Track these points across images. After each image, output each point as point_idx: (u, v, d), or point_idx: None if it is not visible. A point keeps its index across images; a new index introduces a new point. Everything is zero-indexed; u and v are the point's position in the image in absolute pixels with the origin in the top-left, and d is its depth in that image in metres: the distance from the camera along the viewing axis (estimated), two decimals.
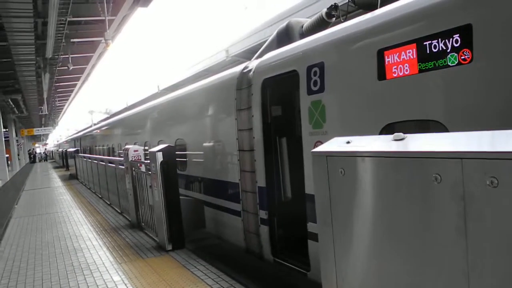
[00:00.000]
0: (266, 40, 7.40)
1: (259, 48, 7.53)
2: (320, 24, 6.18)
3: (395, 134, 2.55)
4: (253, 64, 6.56)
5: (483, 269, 1.98)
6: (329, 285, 2.96)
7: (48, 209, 12.94)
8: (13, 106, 29.56)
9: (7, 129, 34.97)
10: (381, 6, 4.65)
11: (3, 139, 30.35)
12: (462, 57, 3.19)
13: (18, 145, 44.17)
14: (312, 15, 7.09)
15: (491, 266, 1.95)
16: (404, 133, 2.57)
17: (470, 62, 3.15)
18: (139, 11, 13.66)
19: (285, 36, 6.67)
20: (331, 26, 5.76)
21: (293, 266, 5.48)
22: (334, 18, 6.15)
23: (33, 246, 8.16)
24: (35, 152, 71.00)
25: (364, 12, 5.04)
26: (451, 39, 3.27)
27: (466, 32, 3.16)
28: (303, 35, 6.40)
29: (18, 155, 43.73)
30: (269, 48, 6.80)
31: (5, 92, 24.25)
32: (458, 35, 3.22)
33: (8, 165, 32.30)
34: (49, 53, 15.04)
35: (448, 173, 2.08)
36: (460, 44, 3.20)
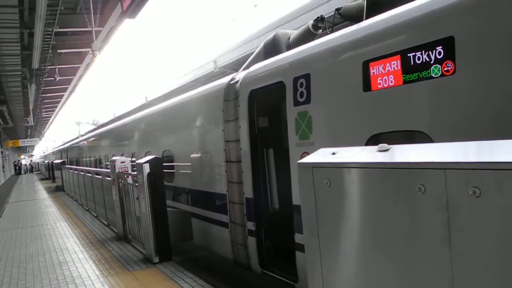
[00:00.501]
0: (254, 52, 7.43)
1: (247, 59, 7.56)
2: (307, 36, 6.23)
3: (380, 145, 2.56)
4: (240, 75, 6.57)
5: (467, 278, 1.99)
6: None
7: (33, 221, 12.75)
8: None
9: None
10: (366, 18, 4.71)
11: None
12: (445, 69, 3.23)
13: (3, 156, 43.60)
14: (299, 26, 7.16)
15: (475, 275, 1.96)
16: (390, 143, 2.59)
17: (453, 73, 3.19)
18: (127, 22, 13.65)
19: (272, 47, 6.71)
20: (317, 38, 5.81)
21: (280, 278, 5.46)
22: (320, 30, 6.20)
23: (17, 259, 8.02)
24: (21, 164, 70.11)
25: (350, 24, 5.09)
26: (434, 51, 3.31)
27: (448, 44, 3.21)
28: (290, 46, 6.44)
29: (3, 167, 43.15)
30: (256, 60, 6.83)
31: None
32: (441, 47, 3.26)
33: None
34: (35, 64, 14.95)
35: (432, 183, 2.09)
36: (443, 56, 3.25)
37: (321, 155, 2.94)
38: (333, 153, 2.85)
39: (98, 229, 10.63)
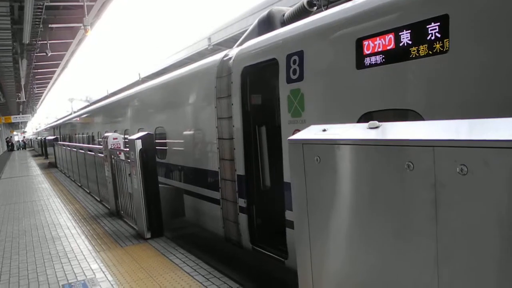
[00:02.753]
0: (248, 29, 7.36)
1: (241, 36, 7.49)
2: (302, 13, 6.16)
3: (370, 122, 2.56)
4: (233, 52, 6.52)
5: (452, 256, 2.02)
6: (304, 273, 2.99)
7: (26, 197, 12.75)
8: None
9: None
10: None
11: None
12: (439, 47, 3.21)
13: None
14: (295, 3, 7.07)
15: (460, 253, 1.99)
16: (382, 122, 2.59)
17: (446, 52, 3.17)
18: None
19: (266, 24, 6.64)
20: (312, 15, 5.75)
21: (271, 254, 5.52)
22: (315, 7, 6.13)
23: (9, 234, 8.04)
24: (13, 140, 69.72)
25: (345, 1, 5.04)
26: (428, 29, 3.29)
27: (443, 22, 3.19)
28: (284, 23, 6.38)
29: None
30: (250, 37, 6.77)
31: None
32: (435, 25, 3.24)
33: None
34: (26, 39, 14.72)
35: (420, 161, 2.10)
36: (437, 34, 3.22)
37: (312, 132, 2.94)
38: (324, 130, 2.85)
39: (91, 205, 10.65)
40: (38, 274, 5.70)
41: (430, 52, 3.28)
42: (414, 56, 3.41)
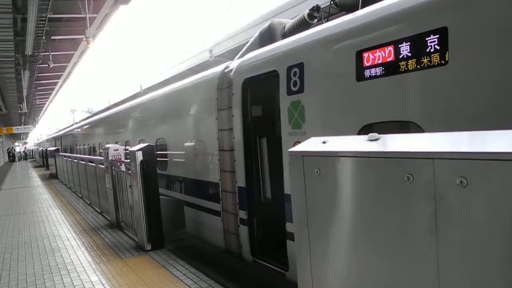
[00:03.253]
0: (249, 41, 7.40)
1: (242, 48, 7.53)
2: (302, 25, 6.20)
3: (370, 134, 2.57)
4: (234, 64, 6.55)
5: (452, 268, 2.01)
6: (304, 285, 2.97)
7: (26, 208, 12.73)
8: None
9: None
10: (362, 8, 4.68)
11: None
12: (438, 60, 3.23)
13: None
14: (296, 16, 7.12)
15: (460, 265, 1.98)
16: (382, 134, 2.59)
17: (445, 64, 3.18)
18: (121, 9, 13.53)
19: (267, 36, 6.67)
20: (313, 28, 5.78)
21: (271, 266, 5.49)
22: (316, 20, 6.17)
23: (9, 246, 8.01)
24: (14, 151, 69.79)
25: (346, 14, 5.07)
26: (428, 42, 3.30)
27: (442, 34, 3.20)
28: (285, 35, 6.41)
29: None
30: (252, 48, 6.80)
31: None
32: (434, 37, 3.25)
33: None
34: (28, 50, 14.82)
35: (420, 173, 2.10)
36: (436, 46, 3.24)
37: (312, 144, 2.94)
38: (324, 142, 2.85)
39: (91, 216, 10.63)
40: (37, 287, 5.67)
41: (430, 64, 3.29)
42: (413, 68, 3.42)
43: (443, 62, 3.20)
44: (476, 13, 3.07)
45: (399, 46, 3.54)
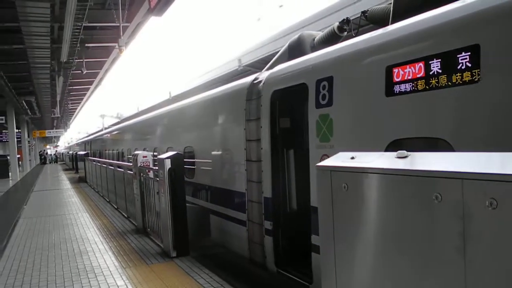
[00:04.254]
0: (278, 51, 7.46)
1: (271, 58, 7.60)
2: (332, 38, 6.23)
3: (399, 151, 2.57)
4: (263, 75, 6.62)
5: None
6: None
7: (56, 211, 13.06)
8: (27, 107, 29.98)
9: (19, 130, 35.37)
10: (392, 22, 4.69)
11: (16, 139, 30.76)
12: (470, 77, 3.21)
13: (29, 146, 44.60)
14: (324, 28, 7.16)
15: (489, 286, 1.96)
16: (411, 150, 2.60)
17: (477, 82, 3.17)
18: (153, 18, 13.83)
19: (296, 48, 6.73)
20: (342, 40, 5.81)
21: (295, 278, 5.49)
22: (345, 32, 6.20)
23: (39, 247, 8.24)
24: (46, 154, 71.64)
25: (375, 27, 5.08)
26: (459, 59, 3.29)
27: (474, 52, 3.19)
28: (314, 48, 6.46)
29: (30, 155, 44.15)
30: (280, 60, 6.87)
31: (19, 93, 24.62)
32: (466, 54, 3.24)
33: (19, 166, 32.65)
34: (64, 57, 15.28)
35: (449, 192, 2.10)
36: (468, 63, 3.23)
37: (340, 159, 2.96)
38: (352, 158, 2.87)
39: (118, 221, 10.83)
40: None
41: (461, 82, 3.28)
42: (444, 85, 3.41)
43: (474, 79, 3.18)
44: (510, 31, 3.05)
45: (430, 62, 3.54)
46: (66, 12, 10.80)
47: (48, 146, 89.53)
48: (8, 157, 30.94)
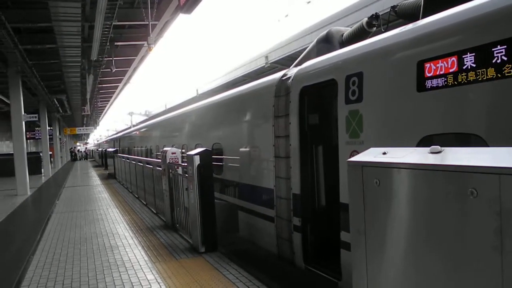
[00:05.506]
0: (306, 48, 7.44)
1: (299, 55, 7.58)
2: (361, 33, 6.18)
3: (432, 147, 2.54)
4: (292, 71, 6.61)
5: None
6: None
7: (87, 206, 13.36)
8: (58, 105, 30.67)
9: (51, 127, 36.27)
10: (423, 17, 4.62)
11: (48, 136, 31.55)
12: (505, 71, 3.14)
13: (61, 143, 45.68)
14: (352, 23, 7.09)
15: None
16: (443, 146, 2.56)
17: None
18: (181, 16, 13.95)
19: (324, 44, 6.70)
20: (371, 36, 5.75)
21: (324, 275, 5.48)
22: (375, 28, 6.14)
23: (72, 241, 8.45)
24: (77, 151, 73.27)
25: (405, 22, 5.01)
26: (494, 52, 3.22)
27: (509, 45, 3.12)
28: (343, 44, 6.42)
29: (61, 152, 45.22)
30: (308, 56, 6.84)
31: (51, 92, 25.21)
32: (501, 48, 3.17)
33: (51, 162, 33.48)
34: (94, 56, 15.57)
35: (485, 188, 2.06)
36: (503, 57, 3.15)
37: (372, 155, 2.94)
38: (384, 153, 2.84)
39: (147, 216, 10.99)
40: (98, 281, 5.95)
41: (495, 76, 3.20)
42: (478, 79, 3.34)
43: (510, 73, 3.11)
44: None
45: (463, 56, 3.47)
46: (96, 11, 11.00)
47: (78, 143, 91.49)
48: (41, 154, 31.73)
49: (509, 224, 1.96)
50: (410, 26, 4.42)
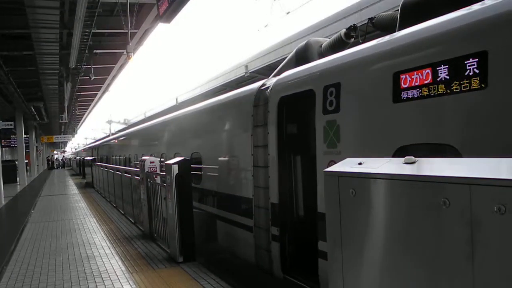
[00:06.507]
0: (285, 57, 7.49)
1: (278, 65, 7.63)
2: (339, 44, 6.26)
3: (406, 157, 2.58)
4: (270, 81, 6.64)
5: None
6: None
7: (63, 215, 13.13)
8: (35, 113, 30.16)
9: (27, 135, 35.59)
10: (399, 29, 4.71)
11: (24, 144, 30.94)
12: (477, 83, 3.21)
13: (37, 151, 44.86)
14: (331, 34, 7.20)
15: None
16: (418, 156, 2.60)
17: (484, 88, 3.17)
18: (160, 25, 13.93)
19: (303, 54, 6.76)
20: (349, 47, 5.83)
21: (302, 284, 5.48)
22: (352, 39, 6.22)
23: (47, 251, 8.29)
24: (54, 159, 72.05)
25: (382, 34, 5.10)
26: (466, 65, 3.30)
27: (481, 58, 3.19)
28: (322, 54, 6.49)
29: (37, 160, 44.40)
30: (288, 66, 6.89)
31: (28, 99, 24.79)
32: (473, 61, 3.25)
33: (27, 171, 32.82)
34: (72, 63, 15.41)
35: (456, 198, 2.10)
36: (475, 70, 3.23)
37: (348, 165, 2.97)
38: (360, 163, 2.88)
39: (125, 226, 10.86)
40: None
41: (468, 88, 3.28)
42: (451, 91, 3.41)
43: (482, 86, 3.18)
44: None
45: (437, 68, 3.54)
46: (75, 18, 10.92)
47: (55, 152, 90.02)
48: (16, 162, 31.11)
49: (479, 233, 2.00)
50: (386, 37, 4.50)
